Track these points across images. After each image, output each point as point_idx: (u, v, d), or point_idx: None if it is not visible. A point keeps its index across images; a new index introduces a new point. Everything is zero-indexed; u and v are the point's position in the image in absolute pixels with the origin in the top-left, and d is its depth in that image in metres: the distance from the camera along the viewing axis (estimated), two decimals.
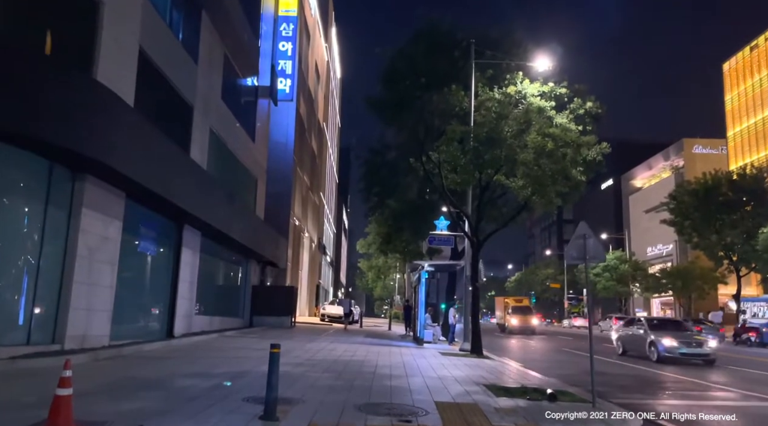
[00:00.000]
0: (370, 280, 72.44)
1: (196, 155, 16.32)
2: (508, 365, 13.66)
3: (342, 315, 31.95)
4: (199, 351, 12.10)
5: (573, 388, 9.78)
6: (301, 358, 11.46)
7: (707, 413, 7.96)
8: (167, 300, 14.96)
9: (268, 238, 24.31)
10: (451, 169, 15.83)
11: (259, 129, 24.60)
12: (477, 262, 15.84)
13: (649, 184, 70.62)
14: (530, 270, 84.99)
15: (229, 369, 9.07)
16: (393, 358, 12.84)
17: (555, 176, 13.38)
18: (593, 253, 7.63)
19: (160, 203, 13.36)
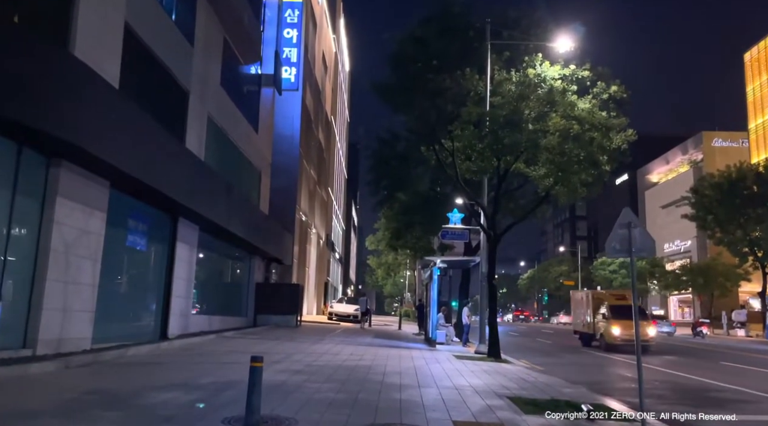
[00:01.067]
0: (380, 278, 71.46)
1: (192, 144, 15.25)
2: (529, 370, 12.47)
3: (351, 314, 30.93)
4: (190, 355, 11.03)
5: (608, 399, 8.60)
6: (301, 364, 10.36)
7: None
8: (160, 299, 13.92)
9: (272, 233, 23.25)
10: (466, 157, 14.65)
11: (263, 120, 23.53)
12: (494, 257, 14.65)
13: (665, 179, 68.82)
14: (543, 267, 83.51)
15: (217, 378, 7.97)
16: (403, 363, 11.70)
17: (581, 163, 12.13)
18: (640, 245, 6.42)
19: (151, 194, 12.31)
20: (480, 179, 15.76)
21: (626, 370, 14.55)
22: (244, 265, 22.23)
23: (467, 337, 18.24)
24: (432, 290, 17.14)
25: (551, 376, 11.25)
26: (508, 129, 12.21)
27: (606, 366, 15.51)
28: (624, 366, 15.50)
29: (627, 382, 12.05)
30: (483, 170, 13.60)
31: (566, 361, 16.59)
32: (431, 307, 17.28)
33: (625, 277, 51.80)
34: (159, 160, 12.05)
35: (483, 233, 15.56)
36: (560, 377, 11.39)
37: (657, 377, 13.14)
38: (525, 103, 12.45)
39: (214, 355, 11.16)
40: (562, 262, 77.51)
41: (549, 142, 12.21)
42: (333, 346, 14.85)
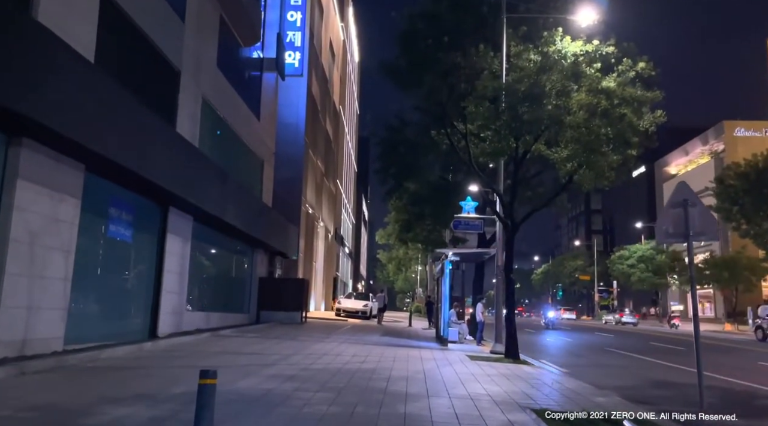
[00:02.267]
0: (391, 273, 70.33)
1: (184, 128, 14.15)
2: (552, 374, 11.23)
3: (359, 310, 29.83)
4: (174, 357, 9.94)
5: (646, 408, 7.36)
6: (296, 367, 9.22)
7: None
8: (149, 295, 12.87)
9: (275, 225, 22.16)
10: (480, 140, 13.39)
11: (266, 106, 22.40)
12: (512, 248, 13.40)
13: (685, 170, 66.77)
14: (557, 261, 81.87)
15: (193, 387, 6.82)
16: (412, 365, 10.52)
17: (611, 142, 10.83)
18: (700, 227, 5.20)
19: (136, 181, 11.25)
20: (495, 164, 14.52)
21: (657, 371, 13.26)
22: (245, 259, 21.16)
23: (482, 335, 17.03)
24: (443, 285, 15.94)
25: (577, 381, 10.02)
26: (528, 104, 10.94)
27: (634, 367, 14.23)
28: (654, 367, 14.21)
29: (663, 388, 10.78)
30: (499, 152, 12.32)
31: (590, 362, 15.32)
32: (443, 302, 16.08)
33: (644, 271, 50.17)
34: (143, 144, 10.97)
35: (499, 222, 14.32)
36: (587, 381, 10.16)
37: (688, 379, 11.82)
38: (546, 76, 11.15)
39: (201, 357, 10.06)
40: (578, 257, 75.87)
41: (574, 120, 10.92)
42: (336, 345, 13.71)
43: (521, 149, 12.59)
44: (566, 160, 12.32)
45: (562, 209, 19.34)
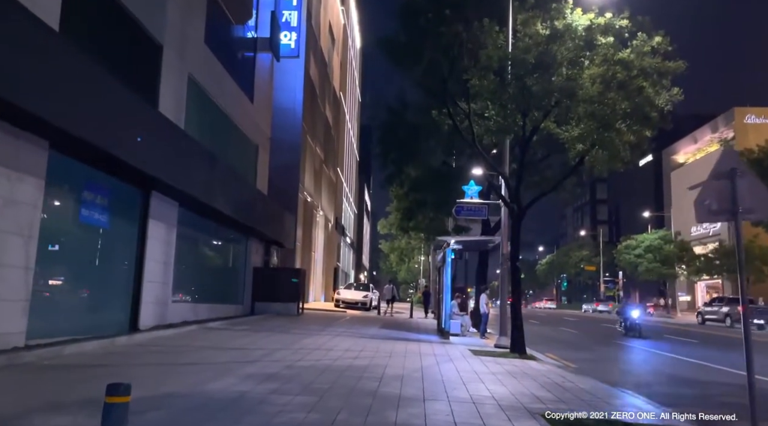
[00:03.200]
0: (393, 263, 69.48)
1: (167, 107, 13.23)
2: (560, 369, 10.35)
3: (359, 301, 29.03)
4: (147, 353, 9.10)
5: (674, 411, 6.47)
6: (281, 365, 8.35)
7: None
8: (129, 285, 12.02)
9: (270, 213, 21.28)
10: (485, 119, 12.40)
11: (260, 89, 21.44)
12: (518, 235, 12.47)
13: (693, 158, 65.49)
14: (563, 251, 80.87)
15: (153, 390, 5.98)
16: (409, 362, 9.65)
17: (628, 117, 9.85)
18: (751, 203, 4.27)
19: (112, 162, 10.37)
20: (500, 145, 13.58)
21: (673, 366, 12.36)
22: (238, 247, 20.30)
23: (485, 327, 16.14)
24: (445, 275, 15.03)
25: (589, 378, 9.14)
26: (537, 74, 9.96)
27: (646, 362, 13.36)
28: (669, 362, 13.32)
29: (684, 385, 9.88)
30: (505, 130, 11.34)
31: (600, 356, 14.43)
32: (444, 293, 15.19)
33: (651, 261, 49.14)
34: (118, 122, 10.09)
35: (504, 207, 13.39)
36: (599, 378, 9.30)
37: (709, 376, 10.94)
38: (557, 46, 10.15)
39: (178, 353, 9.20)
40: (583, 247, 74.84)
41: (587, 93, 9.93)
42: (330, 338, 12.86)
43: (529, 127, 11.61)
44: (577, 140, 11.35)
45: (571, 194, 18.34)
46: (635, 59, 9.95)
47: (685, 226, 59.91)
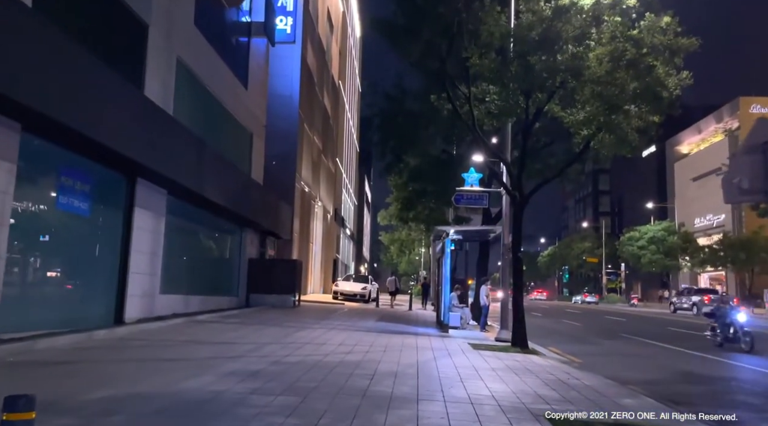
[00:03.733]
0: (394, 255, 69.00)
1: (154, 91, 12.65)
2: (564, 365, 9.83)
3: (357, 293, 28.55)
4: (124, 348, 8.58)
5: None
6: (267, 360, 7.83)
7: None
8: (113, 276, 11.49)
9: (266, 203, 20.74)
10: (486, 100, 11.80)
11: (255, 75, 20.82)
12: (520, 224, 11.91)
13: (697, 149, 64.71)
14: (565, 243, 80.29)
15: (120, 389, 5.46)
16: (404, 357, 9.13)
17: (638, 98, 9.25)
18: None
19: (92, 147, 9.83)
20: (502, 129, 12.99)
21: (681, 361, 11.85)
22: (233, 238, 19.78)
23: (486, 320, 15.62)
24: (444, 265, 14.49)
25: (596, 375, 8.61)
26: (541, 52, 9.37)
27: (654, 356, 12.83)
28: (677, 356, 12.79)
29: (694, 382, 9.37)
30: (507, 112, 10.73)
31: (605, 350, 13.92)
32: (443, 284, 14.65)
33: (655, 253, 48.55)
34: (98, 105, 9.55)
35: (506, 195, 12.82)
36: (606, 374, 8.79)
37: (718, 371, 10.42)
38: (563, 21, 9.53)
39: (159, 348, 8.69)
40: (585, 239, 74.24)
41: (594, 72, 9.33)
42: (324, 332, 12.34)
43: (532, 109, 11.01)
44: (583, 124, 10.76)
45: (575, 182, 17.76)
46: (646, 36, 9.34)
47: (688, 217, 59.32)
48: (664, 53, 9.49)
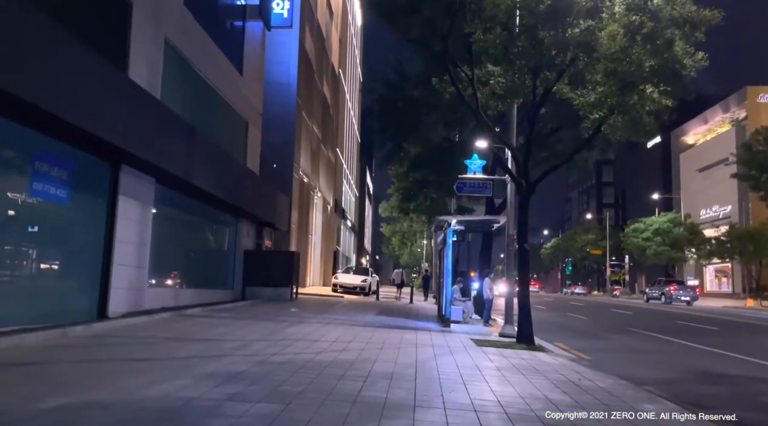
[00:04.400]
0: (396, 247, 68.38)
1: (140, 74, 11.98)
2: (574, 363, 9.20)
3: (357, 285, 27.97)
4: (98, 347, 7.97)
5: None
6: (253, 360, 7.21)
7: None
8: (96, 268, 10.88)
9: (262, 193, 20.10)
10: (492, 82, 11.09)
11: (250, 60, 20.12)
12: (526, 213, 11.25)
13: (703, 139, 63.84)
14: (568, 235, 79.61)
15: (77, 396, 4.84)
16: (402, 355, 8.51)
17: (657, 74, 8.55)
18: None
19: (68, 131, 9.20)
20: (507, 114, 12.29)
21: (697, 358, 11.20)
22: (227, 229, 19.16)
23: (489, 314, 15.00)
24: (446, 257, 13.85)
25: (608, 375, 7.99)
26: (550, 26, 8.67)
27: (667, 353, 12.19)
28: (691, 352, 12.15)
29: (715, 382, 8.72)
30: (513, 92, 10.02)
31: (615, 346, 13.28)
32: (445, 277, 14.02)
33: (660, 244, 47.85)
34: (75, 86, 8.90)
35: (511, 183, 12.15)
36: (618, 373, 8.20)
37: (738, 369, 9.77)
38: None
39: (136, 346, 8.07)
40: (589, 231, 73.52)
41: (608, 48, 8.62)
42: (319, 327, 11.73)
43: (539, 90, 10.30)
44: (594, 106, 10.05)
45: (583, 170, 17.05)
46: (665, 7, 8.62)
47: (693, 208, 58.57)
48: (684, 27, 8.78)
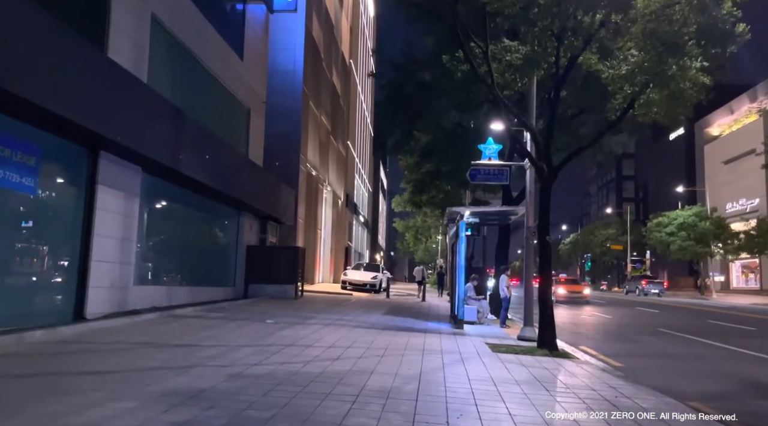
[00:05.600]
0: (411, 243, 67.12)
1: (122, 53, 10.96)
2: (607, 373, 7.95)
3: (367, 282, 26.83)
4: (50, 355, 6.92)
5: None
6: (224, 372, 6.11)
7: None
8: (72, 265, 9.90)
9: (264, 185, 19.06)
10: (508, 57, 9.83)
11: (252, 45, 19.07)
12: (547, 201, 10.00)
13: (729, 130, 61.46)
14: (587, 230, 77.58)
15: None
16: (405, 365, 7.34)
17: (706, 32, 7.26)
18: None
19: (32, 111, 8.19)
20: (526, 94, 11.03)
21: (744, 365, 9.86)
22: (228, 223, 18.14)
23: (506, 314, 13.75)
24: (459, 252, 12.63)
25: (648, 390, 6.75)
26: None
27: (705, 358, 10.86)
28: (734, 358, 10.80)
29: None
30: (533, 63, 8.77)
31: (647, 350, 11.98)
32: (457, 273, 12.81)
33: (685, 239, 45.96)
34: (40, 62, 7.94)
35: (530, 169, 10.89)
36: (657, 385, 7.00)
37: None
38: None
39: (99, 355, 7.01)
40: (609, 225, 71.49)
41: (645, 6, 7.34)
42: (317, 329, 10.61)
43: (564, 61, 9.04)
44: (626, 79, 8.76)
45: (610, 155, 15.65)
46: None
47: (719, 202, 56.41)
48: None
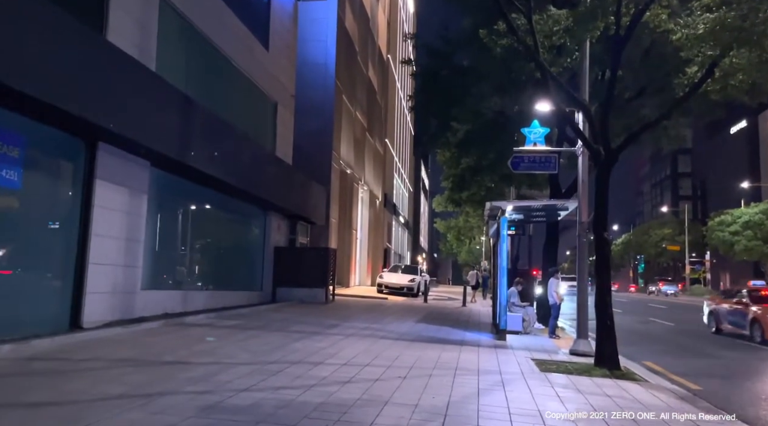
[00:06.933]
0: (454, 244, 65.30)
1: (124, 36, 10.03)
2: (687, 403, 6.33)
3: (404, 285, 25.43)
4: (8, 377, 5.86)
5: None
6: (201, 401, 4.89)
7: None
8: (66, 269, 8.96)
9: (293, 184, 17.98)
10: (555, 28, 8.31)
11: (279, 35, 18.05)
12: (606, 192, 8.40)
13: None
14: (641, 230, 73.78)
15: None
16: (430, 391, 5.94)
17: None
18: None
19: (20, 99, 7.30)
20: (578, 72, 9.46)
21: None
22: (253, 223, 17.14)
23: (555, 323, 12.10)
24: (500, 252, 11.08)
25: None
26: None
27: None
28: None
29: None
30: (589, 23, 7.23)
31: (727, 366, 10.15)
32: (499, 276, 11.27)
33: (751, 239, 42.51)
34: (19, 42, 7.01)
35: (583, 155, 9.31)
36: (751, 419, 5.33)
37: None
38: None
39: (59, 377, 5.92)
40: (665, 225, 67.65)
41: None
42: (336, 341, 9.32)
43: (625, 19, 7.46)
44: (704, 39, 7.12)
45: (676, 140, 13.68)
46: None
47: None
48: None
